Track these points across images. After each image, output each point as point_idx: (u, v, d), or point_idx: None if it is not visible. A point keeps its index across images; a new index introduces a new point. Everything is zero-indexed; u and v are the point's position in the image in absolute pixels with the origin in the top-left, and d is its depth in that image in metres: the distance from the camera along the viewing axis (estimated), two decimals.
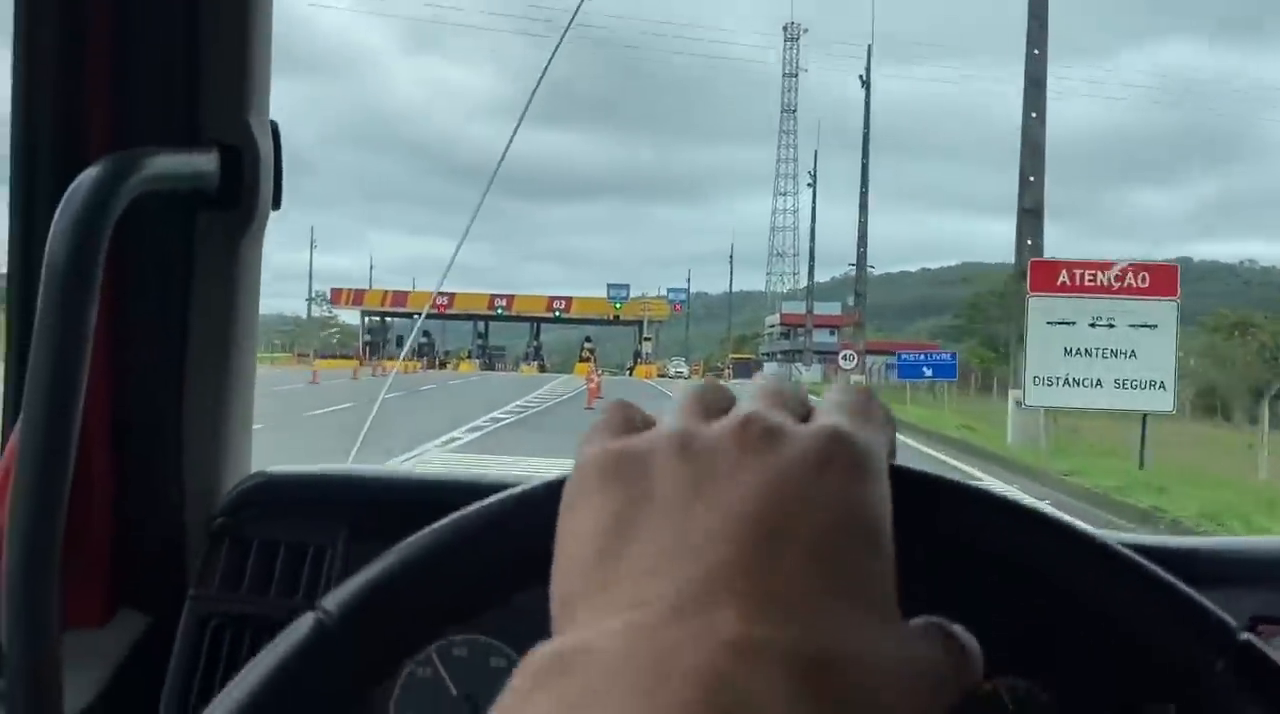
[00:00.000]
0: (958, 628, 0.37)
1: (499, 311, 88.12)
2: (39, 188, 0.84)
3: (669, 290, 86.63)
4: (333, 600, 0.43)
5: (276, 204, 0.89)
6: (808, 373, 69.83)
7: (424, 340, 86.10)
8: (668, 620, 0.31)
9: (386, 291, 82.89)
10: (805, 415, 0.39)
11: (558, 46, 1.42)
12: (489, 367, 79.58)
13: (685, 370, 79.24)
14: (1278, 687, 0.38)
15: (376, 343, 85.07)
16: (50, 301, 0.66)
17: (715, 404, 0.40)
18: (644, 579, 0.33)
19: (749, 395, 0.41)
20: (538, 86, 1.43)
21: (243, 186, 0.85)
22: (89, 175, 0.68)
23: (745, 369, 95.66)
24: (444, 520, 0.44)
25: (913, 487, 0.39)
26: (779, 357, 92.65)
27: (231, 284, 0.91)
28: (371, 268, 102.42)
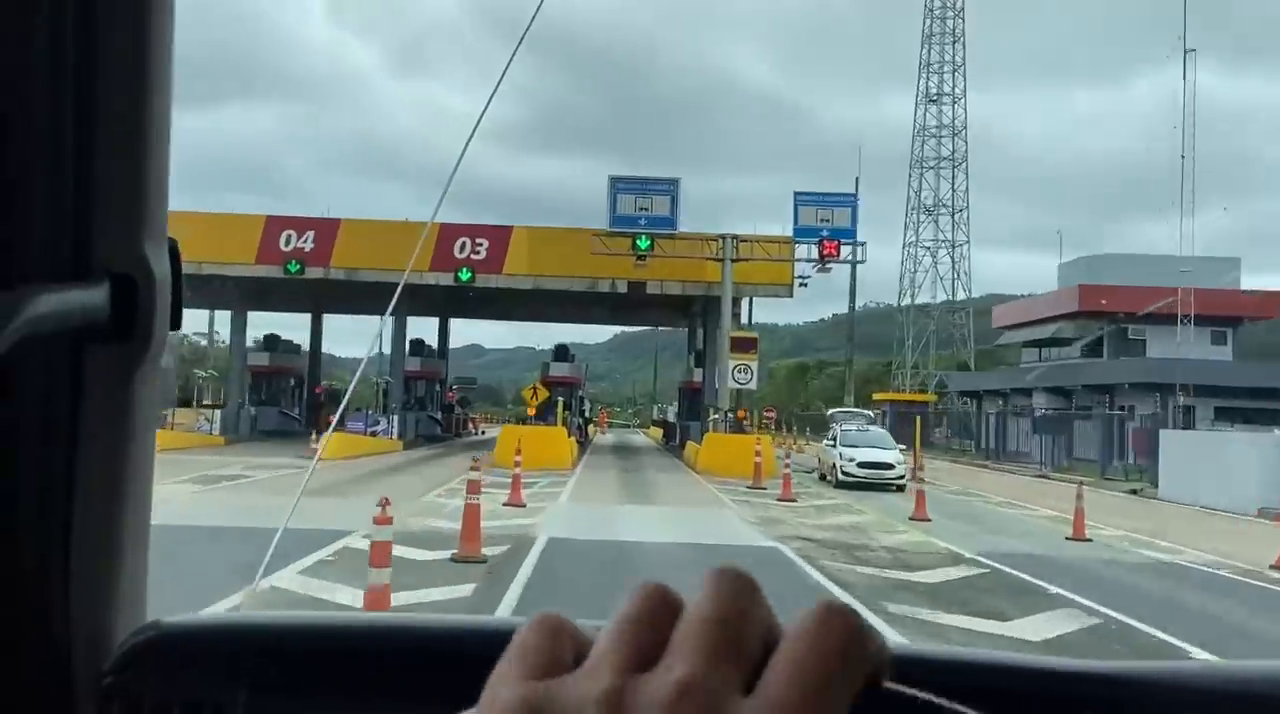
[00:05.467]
0: None
1: (292, 267, 25.93)
2: None
3: (798, 197, 29.79)
4: None
5: (175, 325, 0.86)
6: None
7: None
8: None
9: None
10: (752, 661, 0.34)
11: (519, 44, 1.45)
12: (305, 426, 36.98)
13: (895, 462, 24.08)
14: None
15: None
16: None
17: (653, 637, 0.34)
18: None
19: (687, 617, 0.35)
20: (496, 89, 1.57)
21: (137, 317, 0.81)
22: None
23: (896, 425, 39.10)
24: None
25: None
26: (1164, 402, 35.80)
27: (124, 420, 0.85)
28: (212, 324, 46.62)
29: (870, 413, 31.87)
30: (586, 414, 44.83)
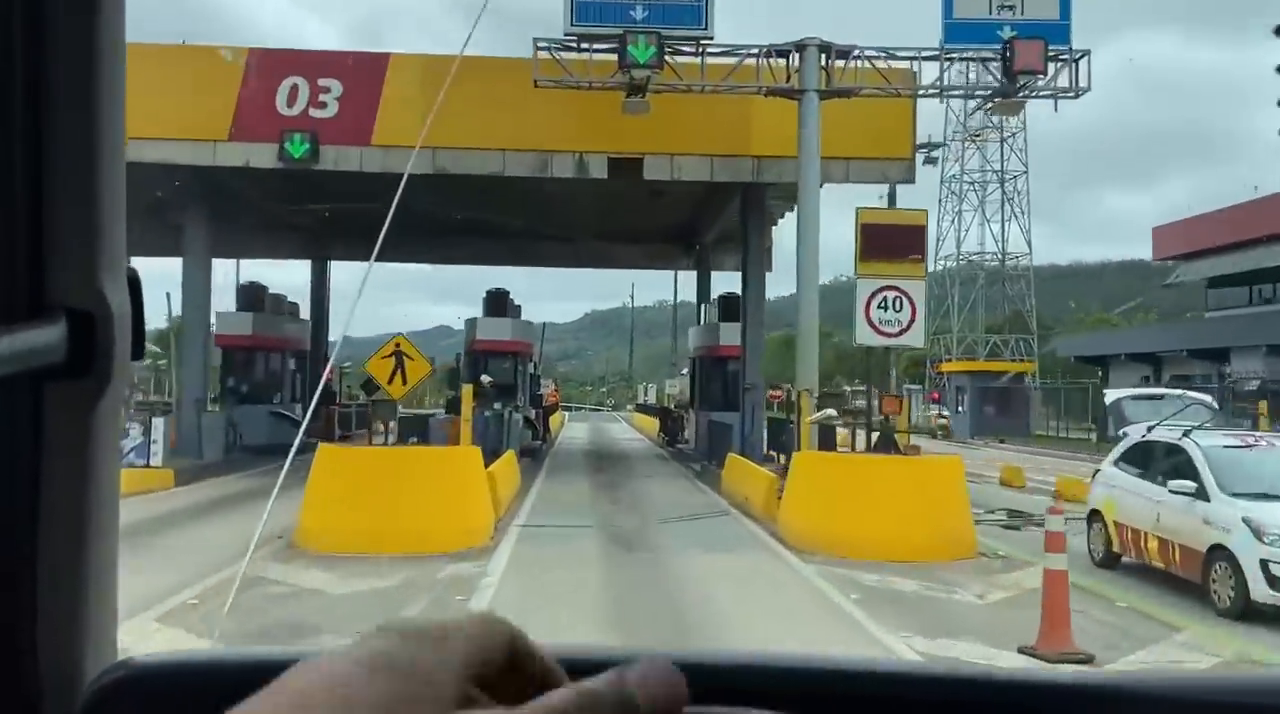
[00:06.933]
0: None
1: None
2: None
3: None
4: None
5: (137, 356, 0.87)
6: None
7: None
8: None
9: None
10: None
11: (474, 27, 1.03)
12: None
13: None
14: None
15: None
16: None
17: None
18: None
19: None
20: (455, 69, 1.89)
21: (95, 354, 0.81)
22: None
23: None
24: None
25: None
26: None
27: (85, 456, 0.86)
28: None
29: (1209, 398, 17.49)
30: (544, 403, 30.16)
